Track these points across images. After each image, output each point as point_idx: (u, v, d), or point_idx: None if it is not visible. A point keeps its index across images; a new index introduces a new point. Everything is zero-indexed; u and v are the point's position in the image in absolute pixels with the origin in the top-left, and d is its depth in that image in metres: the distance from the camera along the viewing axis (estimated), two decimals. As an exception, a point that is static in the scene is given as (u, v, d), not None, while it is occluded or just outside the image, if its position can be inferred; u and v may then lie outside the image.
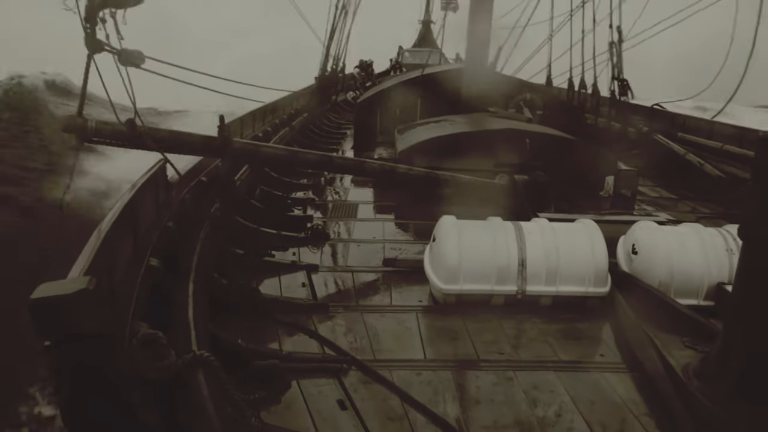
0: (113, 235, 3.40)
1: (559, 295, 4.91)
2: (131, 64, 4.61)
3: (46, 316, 2.14)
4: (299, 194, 8.61)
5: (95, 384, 2.26)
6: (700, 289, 4.75)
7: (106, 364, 2.26)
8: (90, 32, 4.31)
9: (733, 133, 9.07)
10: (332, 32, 14.38)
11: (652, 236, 5.10)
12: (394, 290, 5.39)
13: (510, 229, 5.15)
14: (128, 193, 4.22)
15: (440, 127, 9.26)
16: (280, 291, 5.32)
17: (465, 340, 4.51)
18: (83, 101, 4.89)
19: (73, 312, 2.14)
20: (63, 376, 2.23)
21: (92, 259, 2.87)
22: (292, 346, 4.33)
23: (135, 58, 4.65)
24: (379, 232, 7.06)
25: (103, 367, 2.26)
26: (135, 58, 4.64)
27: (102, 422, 2.31)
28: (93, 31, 4.31)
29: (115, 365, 2.31)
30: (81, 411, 2.28)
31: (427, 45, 24.75)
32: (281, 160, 7.14)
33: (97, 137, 5.12)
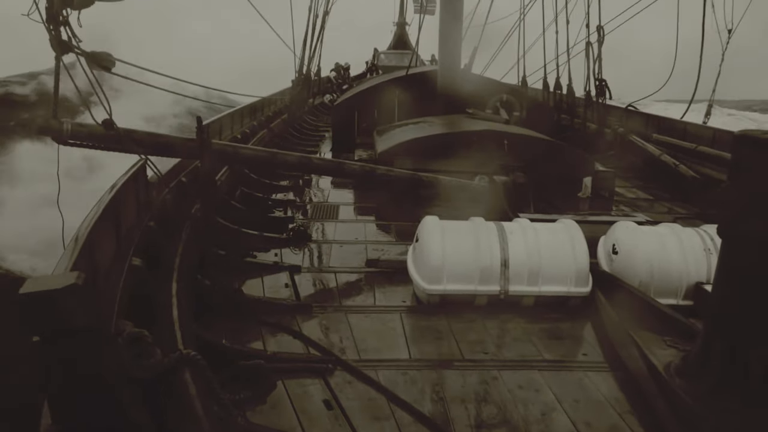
0: (95, 234, 3.37)
1: (542, 295, 4.95)
2: (101, 68, 4.50)
3: (36, 311, 2.10)
4: (279, 195, 8.59)
5: (86, 380, 2.23)
6: (680, 288, 4.82)
7: (96, 360, 2.23)
8: (54, 33, 4.21)
9: (706, 134, 9.23)
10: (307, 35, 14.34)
11: (632, 236, 5.16)
12: (378, 291, 5.39)
13: (492, 230, 5.18)
14: (109, 193, 4.19)
15: (419, 129, 9.30)
16: (263, 291, 5.30)
17: (449, 340, 4.53)
18: (57, 103, 4.81)
19: (64, 307, 2.11)
20: (52, 371, 2.19)
21: (75, 258, 2.84)
22: (276, 347, 4.31)
23: (105, 61, 4.53)
24: (360, 233, 7.07)
25: (94, 363, 2.23)
26: (104, 61, 4.52)
27: (92, 419, 2.28)
28: (57, 32, 4.20)
29: (105, 361, 2.28)
30: (70, 407, 2.25)
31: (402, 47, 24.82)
32: (260, 162, 7.12)
33: (73, 140, 5.05)
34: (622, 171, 9.42)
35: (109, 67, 4.52)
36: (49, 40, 4.25)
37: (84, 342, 2.18)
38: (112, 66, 4.59)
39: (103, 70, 4.45)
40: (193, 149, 5.91)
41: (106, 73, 4.64)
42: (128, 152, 5.33)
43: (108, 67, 4.51)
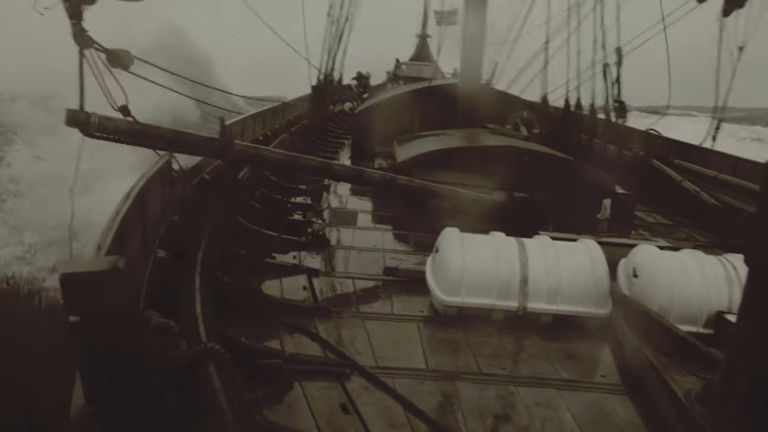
0: (124, 225, 3.40)
1: (560, 313, 4.93)
2: (120, 66, 4.54)
3: (77, 291, 2.11)
4: (299, 199, 8.62)
5: (120, 362, 2.24)
6: (700, 316, 4.78)
7: (131, 343, 2.24)
8: (77, 27, 4.25)
9: (728, 162, 9.19)
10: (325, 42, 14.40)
11: (653, 260, 5.14)
12: (395, 299, 5.39)
13: (513, 245, 5.18)
14: (137, 186, 4.22)
15: (440, 141, 9.30)
16: (281, 292, 5.31)
17: (466, 352, 4.51)
18: (83, 96, 4.84)
19: (104, 288, 2.12)
20: (90, 352, 2.20)
21: (108, 246, 2.86)
22: (294, 348, 4.32)
23: (123, 59, 4.55)
24: (378, 241, 7.07)
25: (130, 345, 2.24)
26: (123, 59, 4.55)
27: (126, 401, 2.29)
28: (80, 26, 4.25)
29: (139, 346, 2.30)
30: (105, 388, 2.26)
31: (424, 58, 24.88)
32: (281, 165, 7.14)
33: (100, 132, 5.09)
34: (642, 195, 9.38)
35: (127, 65, 4.55)
36: (72, 35, 4.29)
37: (120, 325, 2.19)
38: (131, 64, 4.63)
39: (121, 68, 4.48)
40: (215, 149, 5.94)
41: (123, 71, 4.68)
42: (153, 148, 5.36)
43: (126, 65, 4.54)
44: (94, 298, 2.13)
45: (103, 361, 2.23)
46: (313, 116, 14.04)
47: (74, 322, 2.14)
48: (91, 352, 2.21)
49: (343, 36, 14.83)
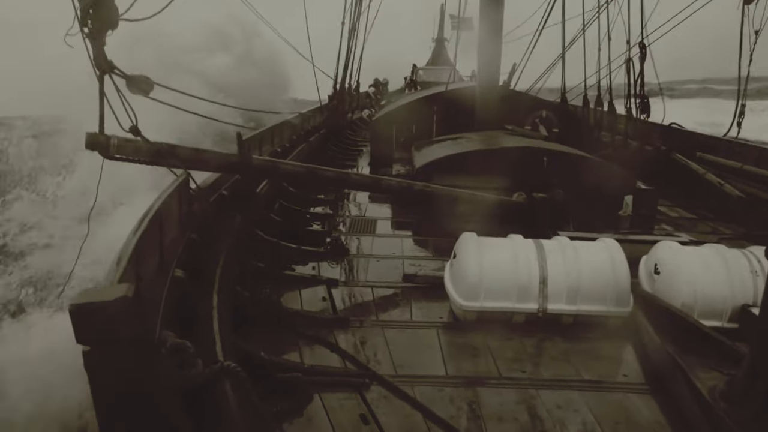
0: (141, 246, 3.44)
1: (581, 314, 4.88)
2: (139, 92, 4.59)
3: (87, 322, 2.16)
4: (318, 209, 8.66)
5: (131, 390, 2.27)
6: (724, 311, 4.70)
7: (142, 371, 2.28)
8: (98, 52, 4.31)
9: (753, 153, 9.03)
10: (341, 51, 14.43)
11: (675, 256, 5.06)
12: (414, 306, 5.39)
13: (531, 247, 5.14)
14: (154, 206, 4.27)
15: (457, 145, 9.28)
16: (301, 304, 5.34)
17: (486, 357, 4.49)
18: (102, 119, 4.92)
19: (114, 318, 2.17)
20: (100, 381, 2.24)
21: (123, 269, 2.90)
22: (313, 360, 4.33)
23: (143, 84, 4.59)
24: (397, 248, 7.07)
25: (140, 373, 2.28)
26: (143, 85, 4.59)
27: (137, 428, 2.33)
28: (101, 51, 4.31)
29: (151, 372, 2.33)
30: (117, 416, 2.30)
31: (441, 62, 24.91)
32: (299, 177, 7.18)
33: (119, 154, 5.16)
34: (665, 189, 9.25)
35: (147, 91, 4.60)
36: (93, 60, 4.34)
37: (131, 353, 2.23)
38: (151, 90, 4.67)
39: (141, 94, 4.53)
40: (233, 165, 5.99)
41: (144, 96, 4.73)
42: (171, 167, 5.43)
43: (146, 90, 4.59)
44: (102, 328, 2.17)
45: (115, 389, 2.27)
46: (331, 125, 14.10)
47: (85, 351, 2.19)
48: (102, 381, 2.25)
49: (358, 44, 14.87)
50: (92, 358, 2.19)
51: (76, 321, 2.15)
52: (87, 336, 2.18)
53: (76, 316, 2.15)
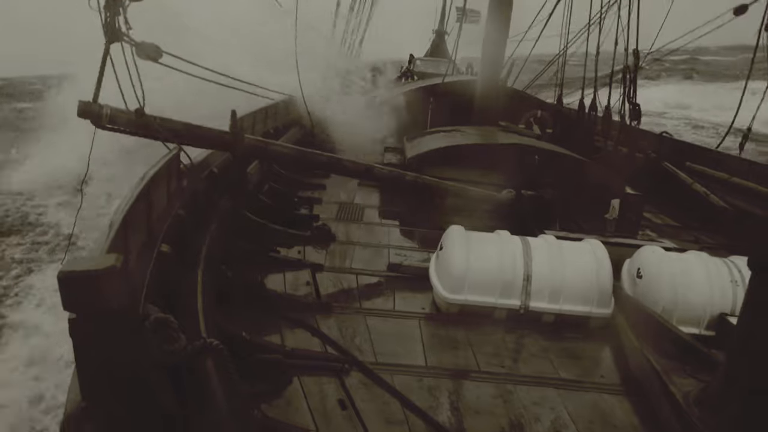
0: (129, 219, 3.43)
1: (562, 313, 4.93)
2: (148, 58, 4.61)
3: (75, 290, 2.16)
4: (306, 193, 8.64)
5: (116, 360, 2.27)
6: (703, 318, 4.76)
7: (127, 342, 2.28)
8: (109, 20, 4.32)
9: (741, 165, 9.11)
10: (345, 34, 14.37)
11: (658, 261, 5.12)
12: (398, 295, 5.40)
13: (517, 244, 5.18)
14: (144, 179, 4.25)
15: (450, 137, 9.29)
16: (284, 287, 5.34)
17: (466, 350, 4.52)
18: (99, 88, 4.89)
19: (102, 288, 2.16)
20: (85, 349, 2.24)
21: (111, 240, 2.90)
22: (294, 343, 4.34)
23: (152, 51, 4.64)
24: (384, 236, 7.08)
25: (125, 344, 2.28)
26: (152, 52, 4.63)
27: (120, 399, 2.33)
28: (113, 19, 4.31)
29: (135, 344, 2.33)
30: (101, 387, 2.30)
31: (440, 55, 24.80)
32: (291, 159, 7.16)
33: (111, 124, 5.13)
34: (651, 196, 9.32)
35: (155, 58, 4.61)
36: (103, 27, 4.36)
37: (117, 323, 2.23)
38: (159, 57, 4.69)
39: (149, 60, 4.54)
40: (225, 142, 5.97)
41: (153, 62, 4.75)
42: (163, 140, 5.41)
43: (155, 58, 4.60)
44: (90, 297, 2.17)
45: (99, 358, 2.27)
46: None
47: (71, 319, 2.18)
48: (87, 349, 2.25)
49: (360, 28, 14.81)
50: (78, 326, 2.19)
51: (63, 288, 2.15)
52: (74, 304, 2.17)
53: (64, 284, 2.14)
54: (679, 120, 35.86)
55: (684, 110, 39.09)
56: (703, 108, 38.04)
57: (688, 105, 40.10)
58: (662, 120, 33.07)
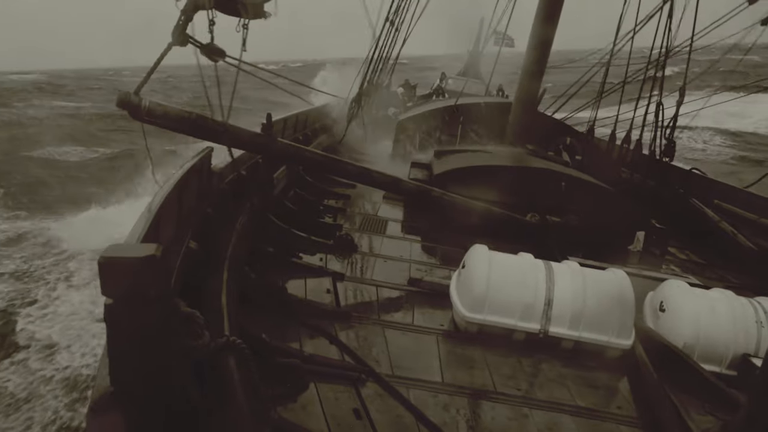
0: (161, 214, 3.48)
1: (581, 340, 4.89)
2: (210, 58, 4.80)
3: (115, 275, 2.19)
4: (331, 202, 8.68)
5: (148, 348, 2.30)
6: (725, 356, 4.70)
7: (160, 331, 2.31)
8: (181, 25, 4.50)
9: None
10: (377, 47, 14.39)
11: (682, 296, 5.06)
12: (417, 310, 5.40)
13: (540, 268, 5.15)
14: (176, 176, 4.31)
15: (478, 157, 9.30)
16: (305, 293, 5.36)
17: (483, 370, 4.50)
18: (144, 82, 4.99)
19: (141, 275, 2.20)
20: (119, 336, 2.27)
21: (145, 232, 2.94)
22: (312, 349, 4.35)
23: (216, 52, 4.84)
24: (405, 251, 7.09)
25: (158, 333, 2.30)
26: (216, 53, 4.83)
27: (148, 387, 2.35)
28: (185, 25, 4.50)
29: (167, 333, 2.36)
30: (130, 374, 2.33)
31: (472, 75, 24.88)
32: (321, 166, 7.20)
33: (149, 117, 5.22)
34: (678, 232, 9.24)
35: (216, 59, 4.79)
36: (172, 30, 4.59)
37: (152, 311, 2.26)
38: (222, 57, 4.87)
39: (212, 60, 4.74)
40: (259, 145, 6.03)
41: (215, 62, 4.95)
42: (197, 137, 5.49)
43: (216, 59, 4.79)
44: (129, 284, 2.21)
45: (131, 345, 2.30)
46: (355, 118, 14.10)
47: (108, 304, 2.22)
48: (120, 335, 2.28)
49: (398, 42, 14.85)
50: (114, 311, 2.22)
51: (104, 273, 2.19)
52: (113, 289, 2.21)
53: (105, 269, 2.18)
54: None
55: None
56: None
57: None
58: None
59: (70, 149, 26.37)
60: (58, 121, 33.72)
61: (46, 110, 38.62)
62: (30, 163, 23.17)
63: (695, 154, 29.84)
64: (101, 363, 2.43)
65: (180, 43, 4.62)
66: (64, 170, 22.57)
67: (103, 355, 2.41)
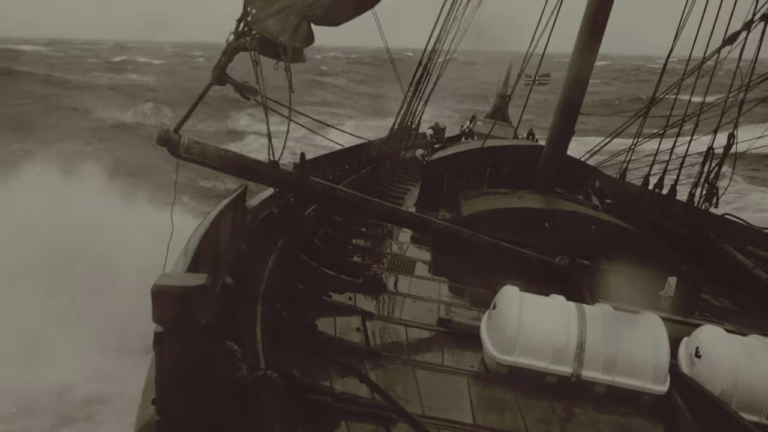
0: (201, 249, 3.54)
1: (615, 385, 4.80)
2: (244, 97, 4.92)
3: (167, 303, 2.24)
4: (359, 241, 8.72)
5: (195, 375, 2.33)
6: (765, 405, 4.58)
7: (208, 361, 2.34)
8: (222, 65, 4.66)
9: None
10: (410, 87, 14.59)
11: (718, 342, 4.97)
12: (447, 351, 5.37)
13: (572, 310, 5.10)
14: (213, 213, 4.39)
15: (507, 199, 9.31)
16: (335, 331, 5.37)
17: (515, 413, 4.44)
18: (185, 119, 5.12)
19: (192, 303, 2.24)
20: (168, 364, 2.30)
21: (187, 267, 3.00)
22: (342, 387, 4.34)
23: (250, 91, 4.96)
24: (434, 291, 7.07)
25: (205, 360, 2.33)
26: (249, 92, 4.96)
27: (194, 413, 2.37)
28: (225, 65, 4.66)
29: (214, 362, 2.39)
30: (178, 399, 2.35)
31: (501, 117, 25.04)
32: (352, 206, 7.26)
33: (186, 154, 5.33)
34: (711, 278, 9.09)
35: (248, 98, 4.93)
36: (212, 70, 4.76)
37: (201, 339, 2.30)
38: (255, 95, 4.99)
39: (244, 98, 4.88)
40: (293, 183, 6.11)
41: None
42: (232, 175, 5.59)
43: (248, 97, 4.92)
44: (181, 312, 2.25)
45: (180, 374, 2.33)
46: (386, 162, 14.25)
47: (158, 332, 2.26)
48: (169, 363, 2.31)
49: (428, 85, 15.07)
50: (164, 339, 2.26)
51: (157, 302, 2.23)
52: (164, 317, 2.25)
53: (158, 297, 2.23)
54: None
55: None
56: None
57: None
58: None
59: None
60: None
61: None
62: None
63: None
64: (145, 393, 2.45)
65: (219, 82, 4.75)
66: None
67: (146, 385, 2.44)
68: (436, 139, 21.49)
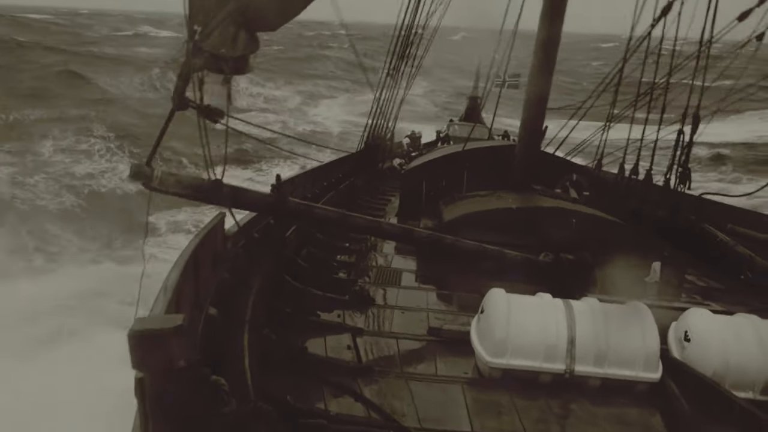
0: (181, 284, 3.51)
1: (609, 377, 4.82)
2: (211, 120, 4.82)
3: (146, 348, 2.21)
4: (344, 257, 8.69)
5: (182, 419, 2.30)
6: (757, 382, 4.62)
7: (194, 401, 2.31)
8: (179, 89, 4.55)
9: None
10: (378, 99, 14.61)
11: (706, 324, 5.01)
12: (439, 360, 5.36)
13: (559, 307, 5.12)
14: (191, 245, 4.36)
15: (487, 201, 9.33)
16: (326, 351, 5.34)
17: (512, 415, 4.44)
18: (155, 151, 5.07)
19: (171, 346, 2.21)
20: (153, 409, 2.27)
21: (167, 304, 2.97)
22: (337, 408, 4.32)
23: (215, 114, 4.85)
24: (422, 300, 7.06)
25: (192, 403, 2.31)
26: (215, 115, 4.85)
27: None
28: (183, 89, 4.55)
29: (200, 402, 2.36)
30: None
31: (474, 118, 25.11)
32: (332, 223, 7.24)
33: (161, 186, 5.29)
34: (694, 259, 9.17)
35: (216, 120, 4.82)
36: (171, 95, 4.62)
37: (184, 380, 2.27)
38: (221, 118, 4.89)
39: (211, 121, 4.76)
40: (271, 206, 6.08)
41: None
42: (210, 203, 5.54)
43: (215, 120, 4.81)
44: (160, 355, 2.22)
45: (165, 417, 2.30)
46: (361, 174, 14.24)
47: (138, 378, 2.23)
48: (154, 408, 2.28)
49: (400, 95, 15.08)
50: (146, 385, 2.23)
51: (134, 347, 2.21)
52: (143, 363, 2.22)
53: (136, 343, 2.20)
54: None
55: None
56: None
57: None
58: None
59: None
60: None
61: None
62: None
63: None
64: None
65: (181, 107, 4.65)
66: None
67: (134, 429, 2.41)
68: (413, 147, 21.50)
